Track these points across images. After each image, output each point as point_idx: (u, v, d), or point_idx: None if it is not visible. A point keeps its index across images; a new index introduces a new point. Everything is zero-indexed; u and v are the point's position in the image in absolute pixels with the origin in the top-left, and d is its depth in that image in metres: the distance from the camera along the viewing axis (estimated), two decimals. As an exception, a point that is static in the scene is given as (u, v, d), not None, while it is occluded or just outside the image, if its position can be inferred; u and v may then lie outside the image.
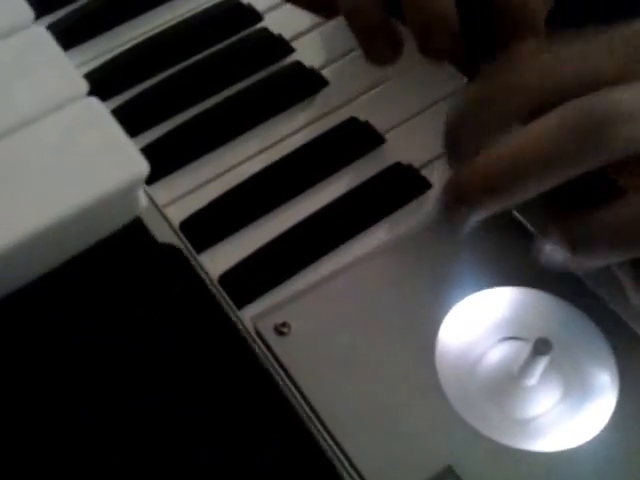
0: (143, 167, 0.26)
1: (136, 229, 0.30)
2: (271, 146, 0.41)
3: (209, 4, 0.46)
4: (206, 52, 0.44)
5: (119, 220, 0.28)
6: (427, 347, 0.34)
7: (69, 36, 0.43)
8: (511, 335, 0.34)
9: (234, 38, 0.45)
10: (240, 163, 0.40)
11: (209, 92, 0.42)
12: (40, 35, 0.30)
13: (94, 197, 0.25)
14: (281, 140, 0.41)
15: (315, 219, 0.38)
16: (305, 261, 0.37)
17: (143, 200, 0.29)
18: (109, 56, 0.44)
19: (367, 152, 0.40)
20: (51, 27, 0.44)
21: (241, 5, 0.46)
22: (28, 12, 0.31)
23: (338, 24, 0.43)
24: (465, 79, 0.42)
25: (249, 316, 0.34)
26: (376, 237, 0.38)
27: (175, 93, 0.42)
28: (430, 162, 0.40)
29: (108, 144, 0.27)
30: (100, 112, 0.28)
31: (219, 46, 0.44)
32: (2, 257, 0.24)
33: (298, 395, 0.32)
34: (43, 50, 0.30)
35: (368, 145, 0.40)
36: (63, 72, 0.29)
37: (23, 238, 0.24)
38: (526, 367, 0.32)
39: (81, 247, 0.27)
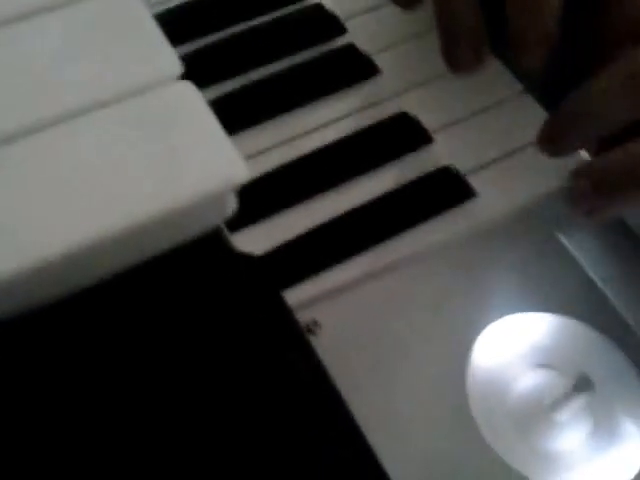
0: (242, 172, 0.24)
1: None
2: (313, 130, 0.39)
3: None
4: (254, 22, 0.42)
5: (204, 224, 0.26)
6: (458, 366, 0.32)
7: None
8: (544, 363, 0.33)
9: (285, 11, 0.43)
10: (280, 144, 0.38)
11: (254, 64, 0.40)
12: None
13: (184, 200, 0.23)
14: (324, 125, 0.39)
15: (352, 214, 0.37)
16: (338, 257, 0.35)
17: (232, 204, 0.27)
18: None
19: (413, 150, 0.39)
20: None
21: (297, -24, 0.43)
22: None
23: (396, 10, 0.41)
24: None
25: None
26: (413, 242, 0.36)
27: (220, 61, 0.40)
28: (477, 169, 0.38)
29: (204, 141, 0.25)
30: (198, 104, 0.26)
31: (268, 17, 0.42)
32: (83, 251, 0.22)
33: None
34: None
35: (416, 143, 0.39)
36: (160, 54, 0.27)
37: (105, 236, 0.22)
38: (560, 402, 0.31)
39: (158, 250, 0.25)
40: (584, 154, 0.38)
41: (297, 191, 0.37)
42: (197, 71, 0.35)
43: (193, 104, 0.26)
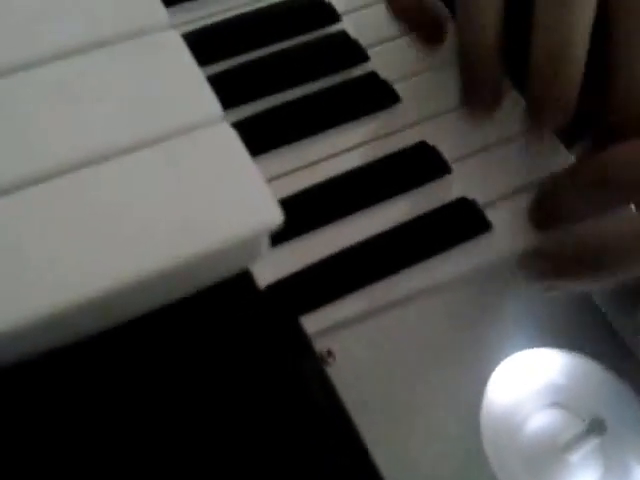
0: (276, 216, 0.24)
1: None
2: (332, 157, 0.39)
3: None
4: (278, 46, 0.42)
5: (238, 265, 0.26)
6: (472, 400, 0.32)
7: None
8: (558, 401, 0.33)
9: (310, 36, 0.43)
10: (298, 170, 0.39)
11: (276, 88, 0.40)
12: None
13: (219, 243, 0.24)
14: (344, 152, 0.39)
15: (368, 243, 0.37)
16: (353, 286, 0.35)
17: (265, 247, 0.27)
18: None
19: (432, 180, 0.39)
20: None
21: (322, 2, 0.44)
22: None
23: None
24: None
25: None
26: (429, 273, 0.36)
27: (243, 84, 0.40)
28: (494, 202, 0.38)
29: (240, 184, 0.25)
30: (235, 147, 0.26)
31: (292, 42, 0.42)
32: (114, 294, 0.23)
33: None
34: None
35: (434, 173, 0.39)
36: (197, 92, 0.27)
37: (137, 278, 0.22)
38: (573, 443, 0.31)
39: (191, 289, 0.25)
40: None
41: (314, 218, 0.37)
42: (220, 93, 0.36)
43: (230, 147, 0.26)
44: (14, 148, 0.26)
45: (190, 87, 0.28)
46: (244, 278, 0.28)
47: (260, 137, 0.39)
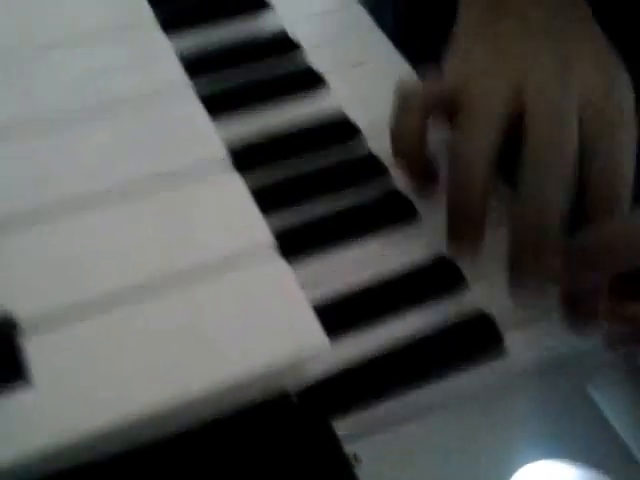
0: (322, 343, 0.27)
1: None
2: (357, 267, 0.41)
3: (316, 114, 0.47)
4: (304, 158, 0.45)
5: (287, 385, 0.28)
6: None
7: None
8: (571, 515, 0.34)
9: (333, 150, 0.46)
10: (321, 281, 0.40)
11: (308, 200, 0.43)
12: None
13: (265, 365, 0.26)
14: (367, 263, 0.42)
15: (385, 353, 0.38)
16: (377, 394, 0.37)
17: (312, 369, 0.30)
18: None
19: (450, 294, 0.41)
20: None
21: (346, 121, 0.47)
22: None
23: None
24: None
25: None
26: (447, 387, 0.38)
27: (278, 195, 0.43)
28: (510, 318, 0.40)
29: (289, 312, 0.28)
30: (286, 276, 0.30)
31: (324, 161, 0.45)
32: (165, 412, 0.26)
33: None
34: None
35: (453, 287, 0.41)
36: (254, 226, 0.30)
37: (187, 397, 0.25)
38: None
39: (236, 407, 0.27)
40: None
41: (334, 325, 0.39)
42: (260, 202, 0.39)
43: (281, 275, 0.29)
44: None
45: (245, 218, 0.31)
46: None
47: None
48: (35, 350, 0.29)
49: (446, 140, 0.42)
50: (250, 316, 0.29)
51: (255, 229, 0.32)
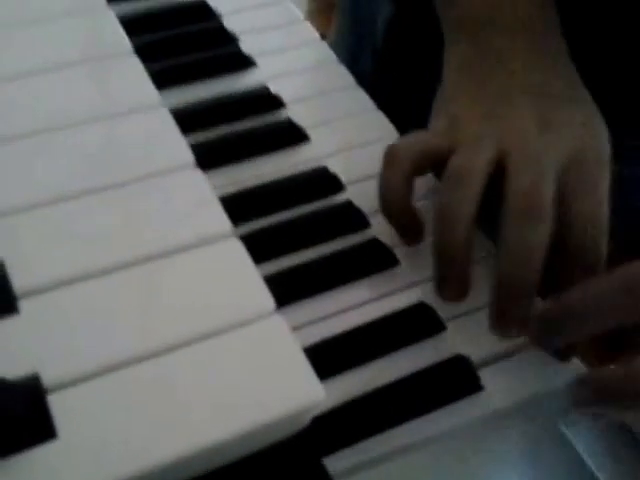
0: (319, 395, 0.31)
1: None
2: (331, 316, 0.43)
3: (298, 170, 0.49)
4: (286, 213, 0.47)
5: (285, 433, 0.30)
6: None
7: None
8: None
9: (316, 203, 0.48)
10: (302, 327, 0.42)
11: (293, 249, 0.45)
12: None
13: (261, 420, 0.31)
14: (348, 309, 0.43)
15: (366, 398, 0.40)
16: (367, 432, 0.38)
17: (309, 417, 0.33)
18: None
19: (428, 337, 0.42)
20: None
21: (327, 174, 0.49)
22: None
23: (419, 208, 0.46)
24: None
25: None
26: (421, 427, 0.39)
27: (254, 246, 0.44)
28: (485, 361, 0.42)
29: (287, 368, 0.31)
30: (285, 338, 0.34)
31: (306, 210, 0.47)
32: (178, 462, 0.30)
33: None
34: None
35: (431, 331, 0.43)
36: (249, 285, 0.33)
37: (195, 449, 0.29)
38: None
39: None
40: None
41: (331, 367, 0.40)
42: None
43: (281, 337, 0.34)
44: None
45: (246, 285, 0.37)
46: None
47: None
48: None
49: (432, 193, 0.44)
50: (250, 372, 0.34)
51: (255, 294, 0.37)
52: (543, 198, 0.40)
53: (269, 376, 0.34)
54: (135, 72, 0.49)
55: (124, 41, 0.52)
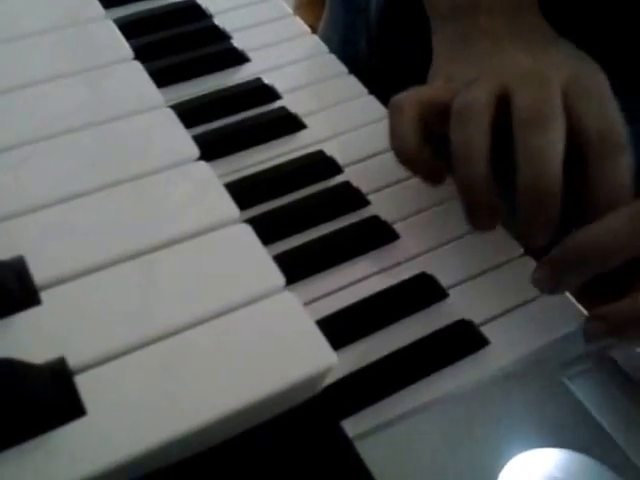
0: (332, 360, 0.34)
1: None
2: (337, 291, 0.45)
3: (298, 154, 0.51)
4: (288, 197, 0.49)
5: (301, 397, 0.34)
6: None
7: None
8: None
9: (317, 186, 0.50)
10: (311, 302, 0.44)
11: (298, 229, 0.47)
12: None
13: (281, 385, 0.34)
14: (348, 286, 0.45)
15: (376, 364, 0.42)
16: (378, 396, 0.40)
17: (323, 382, 0.36)
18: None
19: (432, 304, 0.44)
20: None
21: (325, 158, 0.51)
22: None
23: (414, 184, 0.48)
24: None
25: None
26: (433, 387, 0.41)
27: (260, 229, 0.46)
28: (489, 321, 0.44)
29: (299, 335, 0.35)
30: (296, 310, 0.37)
31: (301, 192, 0.49)
32: (203, 428, 0.33)
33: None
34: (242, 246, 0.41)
35: (433, 298, 0.45)
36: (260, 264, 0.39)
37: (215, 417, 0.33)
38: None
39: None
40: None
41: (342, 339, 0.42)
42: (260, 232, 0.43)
43: (293, 309, 0.38)
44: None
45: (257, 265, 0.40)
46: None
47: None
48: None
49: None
50: (267, 342, 0.36)
51: (267, 272, 0.40)
52: (547, 104, 0.40)
53: (286, 345, 0.36)
54: (138, 76, 0.51)
55: (125, 47, 0.54)
